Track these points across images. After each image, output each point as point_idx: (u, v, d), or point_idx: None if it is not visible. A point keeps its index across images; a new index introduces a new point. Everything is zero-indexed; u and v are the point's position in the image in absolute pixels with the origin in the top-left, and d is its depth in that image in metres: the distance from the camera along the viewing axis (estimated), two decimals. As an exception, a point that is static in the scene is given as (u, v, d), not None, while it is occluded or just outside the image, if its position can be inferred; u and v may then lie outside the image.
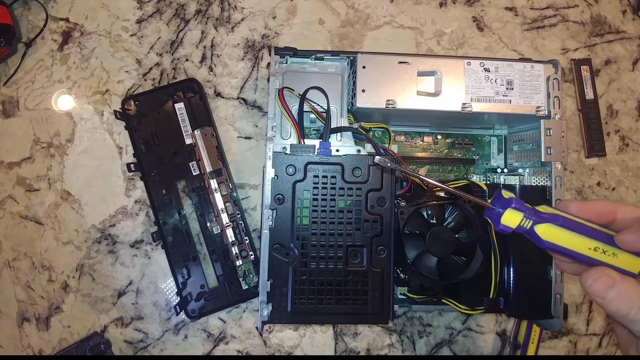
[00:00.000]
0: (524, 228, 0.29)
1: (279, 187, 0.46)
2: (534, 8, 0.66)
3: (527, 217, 0.29)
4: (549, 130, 0.50)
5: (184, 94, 0.59)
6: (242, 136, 0.61)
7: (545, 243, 0.29)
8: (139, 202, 0.60)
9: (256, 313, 0.59)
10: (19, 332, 0.59)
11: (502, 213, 0.29)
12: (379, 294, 0.46)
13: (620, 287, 0.27)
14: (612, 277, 0.28)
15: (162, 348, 0.59)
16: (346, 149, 0.50)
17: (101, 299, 0.59)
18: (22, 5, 0.61)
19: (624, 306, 0.27)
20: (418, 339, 0.61)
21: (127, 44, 0.61)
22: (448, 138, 0.60)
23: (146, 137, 0.58)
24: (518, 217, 0.29)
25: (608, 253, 0.29)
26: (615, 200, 0.65)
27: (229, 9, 0.63)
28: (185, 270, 0.57)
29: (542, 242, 0.29)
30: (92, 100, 0.61)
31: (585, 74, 0.65)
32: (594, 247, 0.29)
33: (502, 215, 0.29)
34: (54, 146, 0.60)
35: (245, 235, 0.57)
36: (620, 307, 0.27)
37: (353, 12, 0.64)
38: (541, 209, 0.30)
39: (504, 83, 0.50)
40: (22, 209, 0.60)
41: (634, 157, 0.66)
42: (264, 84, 0.62)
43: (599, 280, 0.28)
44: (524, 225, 0.29)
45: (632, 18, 0.67)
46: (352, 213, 0.46)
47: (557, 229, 0.29)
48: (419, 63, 0.50)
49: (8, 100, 0.60)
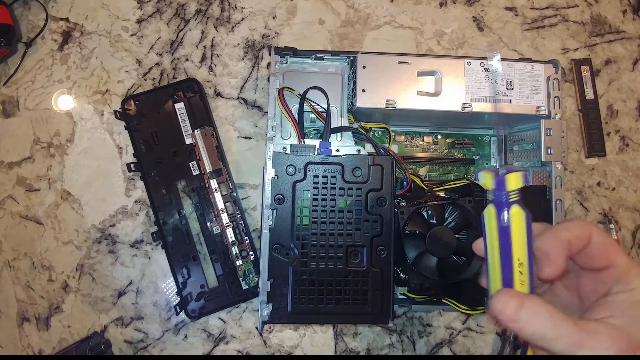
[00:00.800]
0: (507, 201, 0.27)
1: (279, 187, 0.46)
2: (534, 8, 0.66)
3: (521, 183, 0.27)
4: (549, 130, 0.50)
5: (184, 94, 0.59)
6: (242, 136, 0.61)
7: (506, 227, 0.27)
8: (139, 202, 0.60)
9: (256, 313, 0.59)
10: (19, 332, 0.59)
11: (504, 179, 0.27)
12: (379, 294, 0.46)
13: (528, 306, 0.25)
14: (518, 296, 0.26)
15: (162, 348, 0.59)
16: (346, 149, 0.50)
17: (101, 299, 0.59)
18: (22, 5, 0.61)
19: (539, 326, 0.25)
20: (418, 339, 0.61)
21: (127, 44, 0.61)
22: (448, 138, 0.60)
23: (146, 137, 0.58)
24: (518, 178, 0.27)
25: (523, 275, 0.27)
26: (615, 200, 0.65)
27: (229, 9, 0.63)
28: (185, 270, 0.57)
29: (503, 221, 0.27)
30: (92, 100, 0.61)
31: (586, 74, 0.65)
32: (520, 262, 0.27)
33: (506, 179, 0.27)
34: (54, 146, 0.60)
35: (245, 235, 0.57)
36: (536, 327, 0.25)
37: (353, 12, 0.64)
38: None
39: (504, 83, 0.50)
40: (22, 209, 0.60)
41: (634, 157, 0.65)
42: (264, 84, 0.62)
43: (507, 303, 0.26)
44: (511, 197, 0.27)
45: (632, 18, 0.67)
46: (352, 213, 0.46)
47: (523, 222, 0.27)
48: (419, 63, 0.50)
49: (8, 100, 0.60)
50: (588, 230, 0.28)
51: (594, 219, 0.64)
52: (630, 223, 0.65)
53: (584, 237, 0.28)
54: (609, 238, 0.28)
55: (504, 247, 0.27)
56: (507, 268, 0.27)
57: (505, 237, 0.27)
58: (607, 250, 0.28)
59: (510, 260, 0.27)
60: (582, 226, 0.28)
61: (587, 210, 0.64)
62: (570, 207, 0.64)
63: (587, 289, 0.30)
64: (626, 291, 0.27)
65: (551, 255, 0.27)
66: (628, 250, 0.64)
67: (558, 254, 0.27)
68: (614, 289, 0.27)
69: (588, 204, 0.64)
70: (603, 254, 0.28)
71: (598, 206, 0.64)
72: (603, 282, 0.28)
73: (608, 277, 0.28)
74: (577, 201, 0.64)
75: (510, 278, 0.27)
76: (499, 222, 0.27)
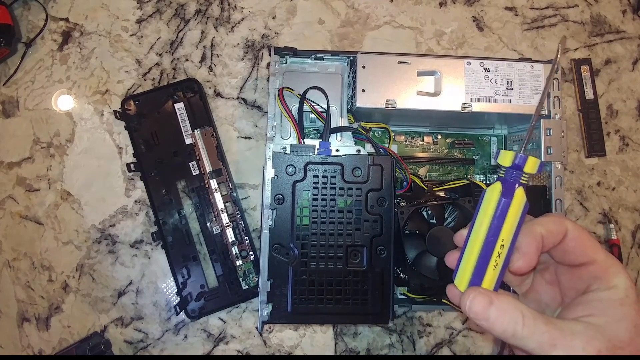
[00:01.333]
0: (519, 181, 0.27)
1: (279, 187, 0.46)
2: (534, 8, 0.66)
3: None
4: (549, 130, 0.50)
5: (183, 94, 0.59)
6: (242, 136, 0.61)
7: (507, 202, 0.27)
8: (139, 202, 0.60)
9: (256, 313, 0.59)
10: (19, 332, 0.59)
11: (526, 159, 0.27)
12: (379, 294, 0.46)
13: (498, 304, 0.25)
14: (487, 294, 0.26)
15: (162, 348, 0.59)
16: (346, 149, 0.50)
17: (101, 299, 0.59)
18: (22, 5, 0.61)
19: (509, 324, 0.25)
20: (418, 339, 0.61)
21: (127, 44, 0.61)
22: (448, 138, 0.60)
23: (146, 137, 0.58)
24: (536, 164, 0.27)
25: (500, 258, 0.27)
26: (615, 200, 0.65)
27: (229, 9, 0.63)
28: (185, 270, 0.57)
29: (507, 196, 0.27)
30: (92, 100, 0.61)
31: (585, 74, 0.65)
32: (503, 244, 0.27)
33: (527, 159, 0.27)
34: (54, 146, 0.60)
35: (245, 235, 0.57)
36: (506, 325, 0.25)
37: (353, 12, 0.64)
38: None
39: (504, 83, 0.50)
40: (22, 209, 0.60)
41: (634, 157, 0.66)
42: (264, 84, 0.62)
43: (475, 299, 0.26)
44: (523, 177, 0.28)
45: (632, 18, 0.67)
46: (352, 213, 0.46)
47: (522, 205, 0.27)
48: (419, 63, 0.50)
49: (8, 100, 0.60)
50: (562, 226, 0.27)
51: (594, 219, 0.64)
52: (630, 223, 0.65)
53: (558, 232, 0.27)
54: (585, 233, 0.28)
55: (495, 223, 0.27)
56: (490, 245, 0.27)
57: (502, 213, 0.27)
58: (584, 247, 0.28)
59: (496, 238, 0.27)
60: (556, 221, 0.28)
61: (587, 210, 0.64)
62: (570, 207, 0.64)
63: (566, 285, 0.29)
64: (606, 289, 0.26)
65: (522, 249, 0.27)
66: (628, 250, 0.64)
67: (529, 248, 0.27)
68: (593, 287, 0.27)
69: (588, 204, 0.64)
70: (579, 250, 0.28)
71: (598, 206, 0.64)
72: (582, 279, 0.28)
73: (586, 274, 0.28)
74: (577, 201, 0.64)
75: (488, 257, 0.27)
76: (502, 197, 0.27)
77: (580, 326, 0.25)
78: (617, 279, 0.26)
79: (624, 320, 0.25)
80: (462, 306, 0.27)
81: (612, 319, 0.25)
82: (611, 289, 0.26)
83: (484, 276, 0.28)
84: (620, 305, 0.25)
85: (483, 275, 0.28)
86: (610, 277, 0.27)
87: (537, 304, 0.31)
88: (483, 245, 0.28)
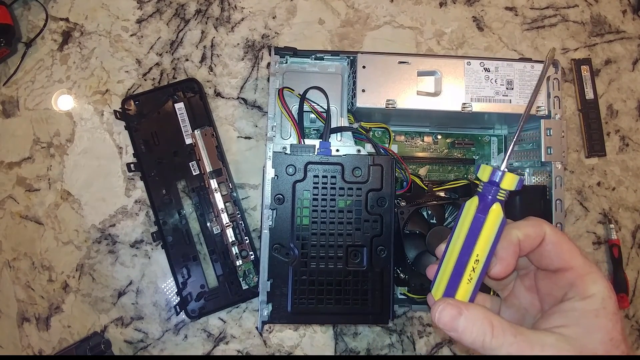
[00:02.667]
0: (495, 197, 0.27)
1: (279, 187, 0.46)
2: (534, 8, 0.66)
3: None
4: (549, 130, 0.50)
5: (184, 94, 0.59)
6: (242, 136, 0.61)
7: (481, 218, 0.27)
8: (139, 202, 0.60)
9: (256, 313, 0.59)
10: (19, 332, 0.59)
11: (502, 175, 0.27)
12: (379, 294, 0.46)
13: (467, 315, 0.25)
14: (457, 305, 0.26)
15: (162, 348, 0.59)
16: (346, 149, 0.50)
17: (101, 299, 0.59)
18: (22, 5, 0.61)
19: (477, 334, 0.25)
20: (418, 339, 0.61)
21: (127, 44, 0.61)
22: (448, 138, 0.60)
23: (146, 137, 0.58)
24: (514, 180, 0.27)
25: (474, 272, 0.27)
26: (615, 200, 0.65)
27: (229, 9, 0.63)
28: (185, 270, 0.57)
29: (481, 212, 0.27)
30: (92, 100, 0.61)
31: (585, 74, 0.65)
32: (477, 259, 0.27)
33: (504, 175, 0.27)
34: (54, 146, 0.60)
35: (245, 235, 0.57)
36: (474, 336, 0.25)
37: (353, 12, 0.64)
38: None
39: (504, 83, 0.50)
40: (22, 209, 0.60)
41: (634, 157, 0.66)
42: (264, 84, 0.62)
43: (444, 311, 0.26)
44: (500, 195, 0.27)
45: (632, 18, 0.67)
46: (352, 213, 0.46)
47: (498, 221, 0.27)
48: (419, 63, 0.50)
49: (8, 100, 0.60)
50: (541, 229, 0.27)
51: (594, 219, 0.64)
52: (630, 223, 0.65)
53: (536, 235, 0.27)
54: (563, 238, 0.27)
55: (469, 238, 0.27)
56: (463, 260, 0.27)
57: (476, 229, 0.27)
58: (561, 251, 0.27)
59: (470, 253, 0.27)
60: (534, 225, 0.27)
61: (587, 210, 0.64)
62: (570, 207, 0.64)
63: (544, 292, 0.29)
64: (582, 298, 0.25)
65: (499, 254, 0.27)
66: (628, 250, 0.64)
67: (506, 252, 0.27)
68: (569, 294, 0.26)
69: (588, 204, 0.64)
70: (556, 255, 0.27)
71: (598, 206, 0.64)
72: (558, 285, 0.27)
73: (563, 281, 0.27)
74: (577, 201, 0.64)
75: (462, 271, 0.27)
76: (477, 212, 0.27)
77: (552, 338, 0.24)
78: (594, 287, 0.25)
79: (599, 332, 0.24)
80: (432, 316, 0.27)
81: (586, 330, 0.24)
82: (587, 299, 0.25)
83: (458, 289, 0.27)
84: (595, 317, 0.25)
85: (457, 288, 0.27)
86: (587, 285, 0.26)
87: (517, 310, 0.31)
88: (457, 259, 0.27)
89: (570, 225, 0.64)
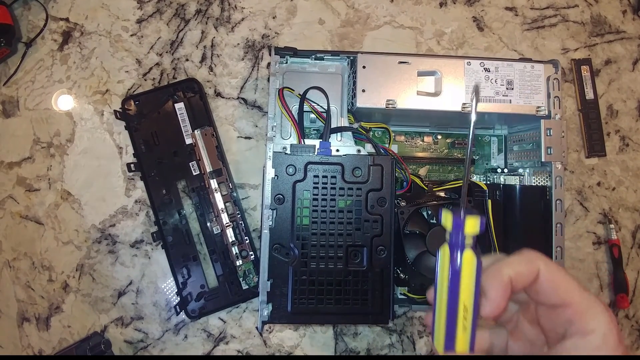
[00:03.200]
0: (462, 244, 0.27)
1: (279, 187, 0.46)
2: (534, 8, 0.66)
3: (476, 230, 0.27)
4: (549, 130, 0.50)
5: (184, 94, 0.59)
6: (242, 136, 0.61)
7: (457, 270, 0.27)
8: (139, 202, 0.60)
9: (256, 313, 0.59)
10: (19, 332, 0.59)
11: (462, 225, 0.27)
12: (379, 294, 0.46)
13: None
14: None
15: (162, 348, 0.59)
16: (346, 149, 0.50)
17: (101, 299, 0.59)
18: (22, 5, 0.61)
19: None
20: (418, 339, 0.61)
21: (127, 44, 0.61)
22: (448, 138, 0.60)
23: (146, 137, 0.58)
24: (476, 223, 0.27)
25: (467, 320, 0.27)
26: (615, 200, 0.65)
27: (229, 9, 0.63)
28: (185, 270, 0.57)
29: (455, 264, 0.27)
30: (92, 100, 0.61)
31: (586, 74, 0.65)
32: (466, 307, 0.27)
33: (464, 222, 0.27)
34: (54, 146, 0.60)
35: (245, 235, 0.57)
36: None
37: (353, 12, 0.64)
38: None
39: (504, 83, 0.50)
40: (22, 209, 0.60)
41: (634, 157, 0.65)
42: (264, 84, 0.62)
43: None
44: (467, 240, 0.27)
45: (632, 18, 0.67)
46: (352, 213, 0.46)
47: (474, 268, 0.27)
48: (419, 63, 0.50)
49: (8, 100, 0.60)
50: (534, 267, 0.26)
51: (594, 219, 0.64)
52: (630, 223, 0.65)
53: (529, 273, 0.26)
54: (559, 274, 0.26)
55: (452, 290, 0.27)
56: (453, 311, 0.27)
57: (455, 281, 0.27)
58: (558, 288, 0.26)
59: (457, 303, 0.27)
60: (527, 262, 0.26)
61: (587, 210, 0.64)
62: (570, 207, 0.64)
63: (546, 327, 0.28)
64: (583, 336, 0.25)
65: (488, 294, 0.26)
66: (628, 250, 0.64)
67: (496, 292, 0.26)
68: (570, 331, 0.25)
69: (588, 204, 0.64)
70: (552, 293, 0.26)
71: (598, 206, 0.64)
72: (558, 322, 0.26)
73: (563, 318, 0.26)
74: (577, 201, 0.64)
75: (454, 321, 0.27)
76: (451, 264, 0.27)
77: None
78: (594, 323, 0.25)
79: None
80: None
81: None
82: (587, 336, 0.25)
83: (456, 338, 0.27)
84: (597, 353, 0.24)
85: (455, 337, 0.27)
86: (587, 322, 0.25)
87: (524, 343, 0.30)
88: (447, 309, 0.27)
89: (570, 225, 0.64)
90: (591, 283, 0.64)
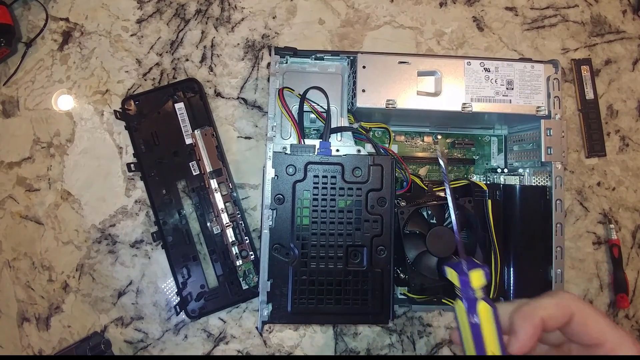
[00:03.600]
0: (474, 297, 0.28)
1: (279, 187, 0.46)
2: (534, 8, 0.66)
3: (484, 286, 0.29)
4: (549, 130, 0.50)
5: (184, 94, 0.59)
6: (242, 136, 0.61)
7: (477, 324, 0.28)
8: (139, 202, 0.60)
9: (256, 313, 0.59)
10: (19, 332, 0.59)
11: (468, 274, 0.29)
12: (379, 294, 0.46)
13: None
14: None
15: (162, 348, 0.59)
16: (346, 149, 0.50)
17: (101, 299, 0.59)
18: (22, 5, 0.61)
19: None
20: (418, 339, 0.61)
21: (127, 44, 0.61)
22: (448, 138, 0.60)
23: (146, 137, 0.58)
24: (481, 276, 0.29)
25: None
26: (615, 200, 0.65)
27: (229, 9, 0.63)
28: (185, 270, 0.57)
29: (473, 318, 0.28)
30: (92, 100, 0.61)
31: (586, 74, 0.65)
32: (494, 354, 0.28)
33: (470, 277, 0.28)
34: (54, 146, 0.60)
35: (245, 235, 0.57)
36: None
37: (353, 12, 0.64)
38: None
39: (504, 83, 0.50)
40: (22, 209, 0.60)
41: (634, 157, 0.65)
42: (264, 84, 0.62)
43: None
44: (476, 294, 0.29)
45: (632, 18, 0.67)
46: (352, 213, 0.46)
47: (491, 317, 0.28)
48: (419, 63, 0.50)
49: (8, 100, 0.60)
50: (567, 311, 0.27)
51: (594, 219, 0.64)
52: (630, 223, 0.65)
53: (562, 316, 0.27)
54: (592, 316, 0.27)
55: (477, 342, 0.28)
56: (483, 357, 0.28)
57: (477, 334, 0.28)
58: (591, 330, 0.27)
59: (484, 352, 0.28)
60: (560, 306, 0.27)
61: (587, 210, 0.64)
62: (570, 207, 0.64)
63: None
64: None
65: (518, 334, 0.26)
66: (628, 250, 0.64)
67: (526, 333, 0.26)
68: None
69: (588, 204, 0.64)
70: (586, 334, 0.27)
71: (598, 206, 0.64)
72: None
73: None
74: (577, 201, 0.64)
75: None
76: (469, 319, 0.28)
77: None
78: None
79: None
80: None
81: None
82: None
83: None
84: None
85: None
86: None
87: None
88: (476, 354, 0.28)
89: (570, 225, 0.64)
90: (591, 283, 0.64)
